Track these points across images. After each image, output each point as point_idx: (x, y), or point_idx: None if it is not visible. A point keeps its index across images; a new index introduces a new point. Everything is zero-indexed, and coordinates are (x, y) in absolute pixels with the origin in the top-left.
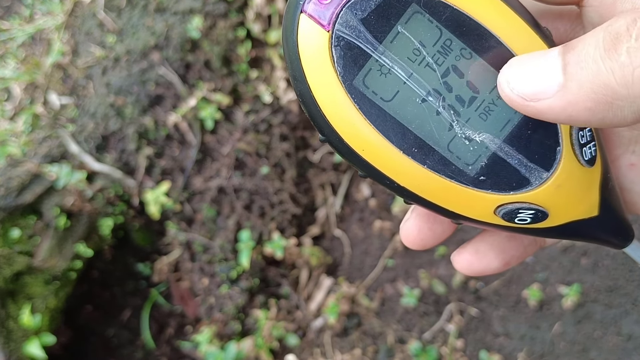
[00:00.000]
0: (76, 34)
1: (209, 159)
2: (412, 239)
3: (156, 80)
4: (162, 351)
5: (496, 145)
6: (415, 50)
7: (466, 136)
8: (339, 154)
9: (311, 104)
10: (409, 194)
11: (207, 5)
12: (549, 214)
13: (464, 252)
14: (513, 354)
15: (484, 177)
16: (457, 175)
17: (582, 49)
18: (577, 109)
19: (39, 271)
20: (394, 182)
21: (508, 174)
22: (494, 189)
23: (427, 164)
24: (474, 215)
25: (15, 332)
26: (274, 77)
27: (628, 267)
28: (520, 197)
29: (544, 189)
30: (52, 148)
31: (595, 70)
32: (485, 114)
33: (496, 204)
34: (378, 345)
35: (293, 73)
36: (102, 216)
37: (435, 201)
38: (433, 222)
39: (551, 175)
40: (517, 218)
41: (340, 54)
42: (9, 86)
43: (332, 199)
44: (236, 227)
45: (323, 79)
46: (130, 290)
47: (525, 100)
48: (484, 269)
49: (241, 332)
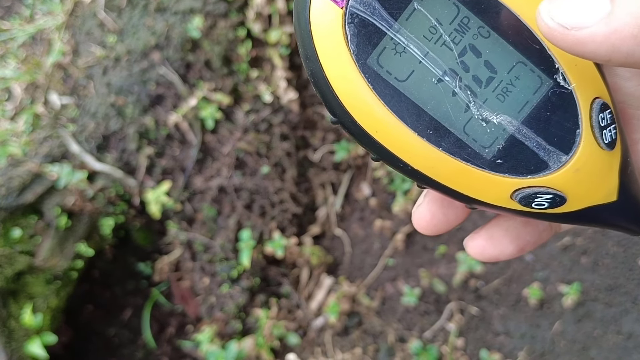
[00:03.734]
0: (77, 33)
1: (210, 158)
2: (424, 224)
3: (157, 80)
4: (163, 350)
5: (514, 127)
6: (431, 28)
7: (483, 118)
8: (351, 135)
9: (323, 84)
10: (423, 177)
11: (208, 5)
12: (567, 198)
13: (478, 238)
14: (513, 352)
15: (501, 161)
16: (473, 158)
17: None
18: (621, 36)
19: (40, 271)
20: (407, 165)
21: (526, 157)
22: (511, 172)
23: (442, 147)
24: (489, 200)
25: (17, 332)
26: (275, 77)
27: (628, 266)
28: (538, 182)
29: (562, 173)
30: (53, 148)
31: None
32: (503, 95)
33: (513, 188)
34: (379, 344)
35: (305, 52)
36: (103, 216)
37: (450, 185)
38: (447, 207)
39: (570, 158)
40: (534, 203)
41: (354, 31)
42: (9, 86)
43: (333, 198)
44: (237, 227)
45: (336, 58)
46: (131, 289)
47: (567, 29)
48: (498, 255)
49: (242, 331)
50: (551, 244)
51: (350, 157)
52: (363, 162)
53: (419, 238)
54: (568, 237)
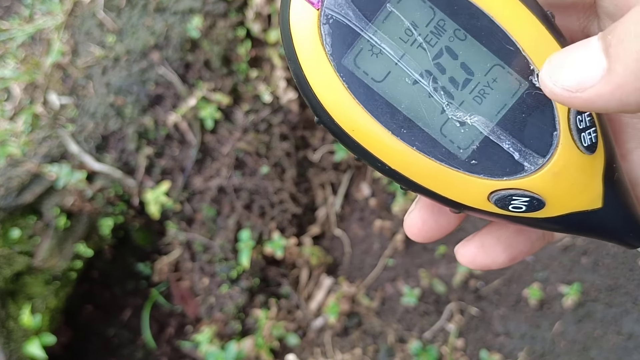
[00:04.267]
0: (76, 33)
1: (209, 158)
2: (416, 231)
3: (156, 80)
4: (162, 351)
5: (489, 129)
6: (407, 30)
7: (458, 119)
8: (332, 135)
9: (304, 84)
10: (402, 177)
11: (207, 4)
12: (545, 202)
13: (469, 245)
14: (513, 353)
15: (476, 162)
16: (448, 158)
17: (622, 28)
18: (626, 91)
19: (39, 271)
20: (385, 165)
21: (501, 158)
22: (486, 173)
23: (416, 146)
24: (467, 202)
25: (16, 332)
26: (274, 77)
27: (628, 266)
28: (514, 184)
29: (539, 176)
30: (52, 148)
31: (639, 47)
32: (480, 97)
33: (489, 190)
34: (378, 344)
35: (287, 52)
36: (102, 216)
37: (428, 186)
38: (438, 214)
39: (547, 161)
40: (511, 205)
41: (328, 31)
42: (8, 86)
43: (332, 199)
44: (236, 227)
45: (313, 58)
46: (130, 290)
47: (571, 92)
48: (490, 264)
49: (241, 331)
50: (551, 244)
51: (350, 157)
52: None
53: None
54: (568, 237)
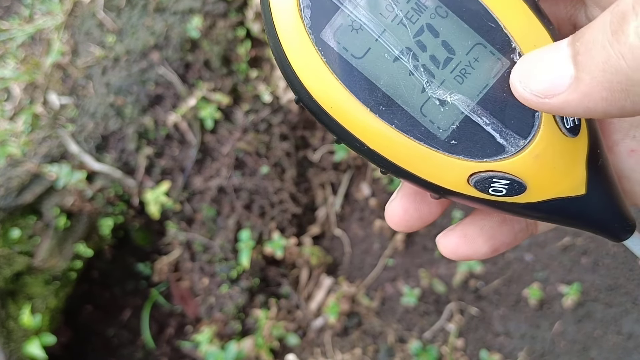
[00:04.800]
0: (76, 34)
1: (209, 158)
2: (397, 220)
3: (156, 80)
4: (162, 351)
5: (469, 108)
6: (388, 6)
7: (439, 98)
8: (311, 113)
9: (283, 60)
10: (380, 158)
11: (207, 4)
12: (526, 186)
13: (451, 235)
14: (513, 353)
15: (456, 142)
16: (428, 137)
17: (589, 35)
18: (593, 100)
19: (39, 271)
20: (364, 145)
21: (481, 139)
22: (466, 154)
23: (395, 124)
24: (447, 184)
25: (16, 332)
26: (274, 77)
27: (628, 266)
28: (494, 166)
29: (520, 158)
30: (52, 148)
31: (605, 57)
32: (461, 77)
33: (469, 172)
34: (378, 344)
35: (266, 27)
36: (102, 216)
37: (407, 167)
38: (420, 202)
39: (529, 143)
40: (491, 189)
41: (307, 4)
42: (8, 86)
43: (332, 199)
44: (236, 227)
45: (292, 31)
46: (130, 290)
47: (540, 97)
48: (472, 254)
49: (241, 331)
50: (551, 244)
51: (350, 157)
52: (363, 162)
53: (418, 238)
54: (568, 237)
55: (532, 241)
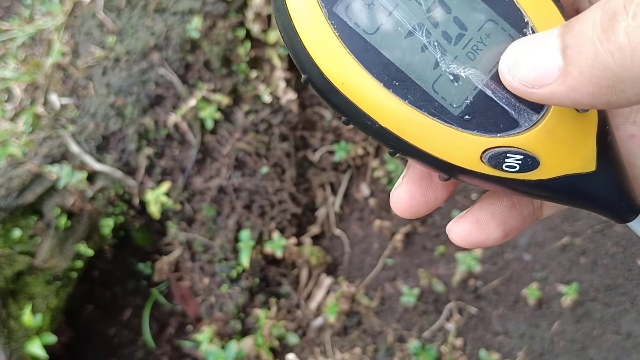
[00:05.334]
0: (76, 34)
1: (209, 159)
2: (403, 206)
3: (156, 81)
4: (162, 350)
5: (483, 83)
6: None
7: (452, 73)
8: (319, 93)
9: (292, 36)
10: (391, 136)
11: (207, 5)
12: (539, 161)
13: (463, 222)
14: (512, 352)
15: (469, 117)
16: (441, 113)
17: (579, 30)
18: (579, 93)
19: (40, 271)
20: (375, 123)
21: (495, 114)
22: (480, 129)
23: (408, 99)
24: (459, 162)
25: (17, 332)
26: (274, 77)
27: (627, 266)
28: (509, 141)
29: (534, 133)
30: (53, 148)
31: (594, 53)
32: (473, 53)
33: (482, 148)
34: (378, 344)
35: (275, 3)
36: (102, 216)
37: (419, 145)
38: (426, 187)
39: (542, 117)
40: (505, 164)
41: None
42: (9, 87)
43: (332, 199)
44: (236, 227)
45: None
46: (131, 289)
47: (528, 87)
48: (484, 240)
49: (241, 331)
50: (550, 244)
51: (350, 157)
52: (362, 163)
53: (418, 238)
54: (567, 237)
55: (531, 241)
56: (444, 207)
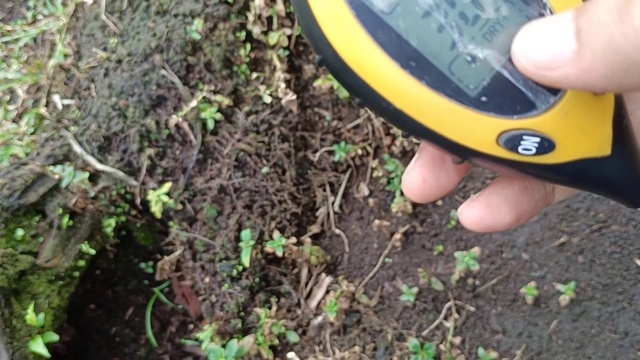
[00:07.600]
0: (78, 36)
1: (210, 159)
2: (416, 190)
3: (158, 82)
4: (164, 349)
5: (500, 64)
6: None
7: (470, 53)
8: (334, 75)
9: (308, 17)
10: (406, 119)
11: (208, 7)
12: (555, 144)
13: (475, 205)
14: (510, 351)
15: (486, 98)
16: (457, 94)
17: (594, 12)
18: (592, 76)
19: (42, 270)
20: (390, 105)
21: (512, 95)
22: (496, 111)
23: (425, 80)
24: (475, 145)
25: (20, 331)
26: (274, 78)
27: (624, 265)
28: (525, 123)
29: (550, 115)
30: (55, 149)
31: (608, 36)
32: (490, 34)
33: (499, 130)
34: (377, 342)
35: None
36: (105, 216)
37: (434, 127)
38: (439, 171)
39: (559, 100)
40: (521, 147)
41: None
42: (12, 88)
43: (332, 198)
44: (237, 227)
45: None
46: (133, 288)
47: (540, 70)
48: (496, 224)
49: (242, 329)
50: (548, 243)
51: (349, 157)
52: (362, 163)
53: (417, 238)
54: (565, 236)
55: (529, 240)
56: (443, 207)
